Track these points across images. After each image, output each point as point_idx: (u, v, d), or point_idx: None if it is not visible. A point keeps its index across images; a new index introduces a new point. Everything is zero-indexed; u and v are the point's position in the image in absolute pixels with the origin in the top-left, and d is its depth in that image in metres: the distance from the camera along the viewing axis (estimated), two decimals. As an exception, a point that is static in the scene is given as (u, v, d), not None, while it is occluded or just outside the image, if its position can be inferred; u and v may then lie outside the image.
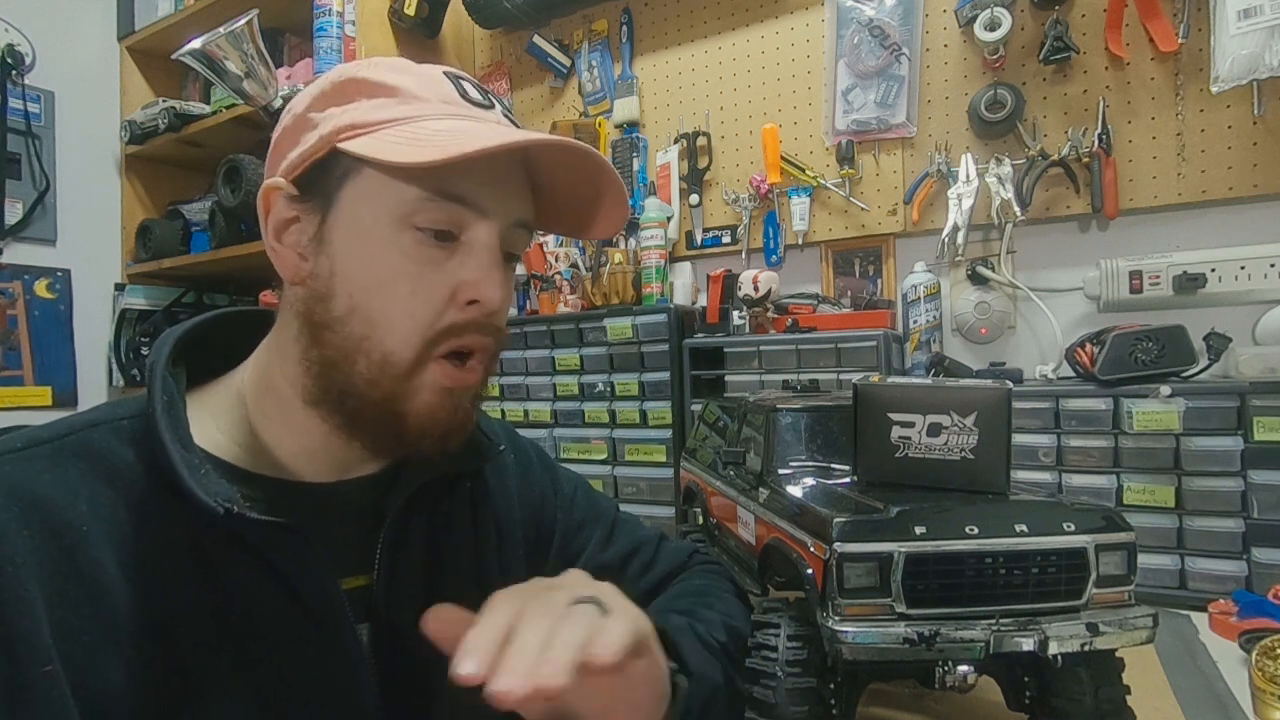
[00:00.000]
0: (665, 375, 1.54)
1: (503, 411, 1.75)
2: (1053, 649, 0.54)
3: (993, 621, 0.55)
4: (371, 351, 0.52)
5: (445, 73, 0.55)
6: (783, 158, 1.67)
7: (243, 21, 1.49)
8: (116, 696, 0.44)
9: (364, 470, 0.60)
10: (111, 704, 0.44)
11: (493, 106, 0.56)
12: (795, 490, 0.69)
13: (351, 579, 0.57)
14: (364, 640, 0.56)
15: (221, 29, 1.48)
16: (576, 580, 0.47)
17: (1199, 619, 0.97)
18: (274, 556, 0.51)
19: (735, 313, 1.54)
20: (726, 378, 1.54)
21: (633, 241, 1.73)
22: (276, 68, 1.70)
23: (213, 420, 0.56)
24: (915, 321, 1.49)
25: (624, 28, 1.91)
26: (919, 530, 0.56)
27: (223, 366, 0.60)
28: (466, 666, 0.37)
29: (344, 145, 0.51)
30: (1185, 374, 1.16)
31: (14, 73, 2.08)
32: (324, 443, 0.55)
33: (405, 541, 0.60)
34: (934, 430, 0.63)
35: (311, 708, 0.52)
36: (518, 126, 0.57)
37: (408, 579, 0.59)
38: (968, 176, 1.43)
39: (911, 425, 0.64)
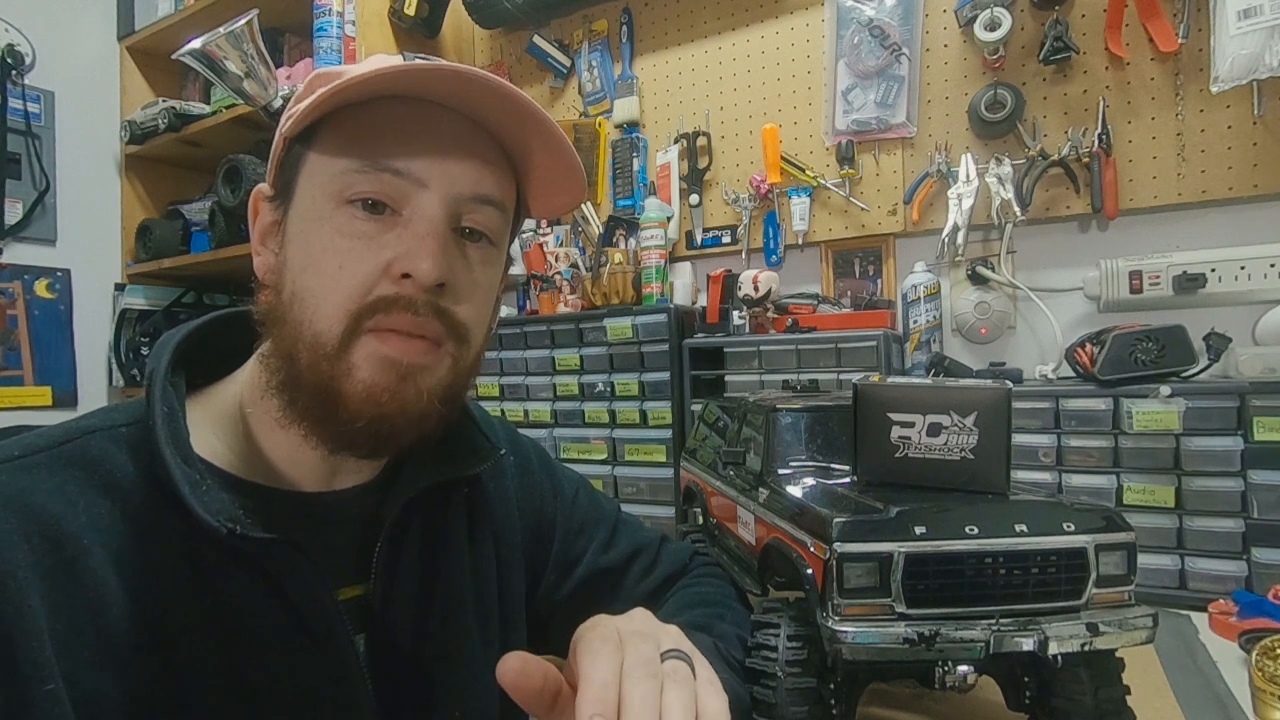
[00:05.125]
0: (665, 375, 1.54)
1: (503, 411, 1.75)
2: (1053, 649, 0.54)
3: (993, 621, 0.55)
4: (305, 335, 0.50)
5: (408, 54, 0.53)
6: (783, 158, 1.67)
7: (243, 21, 1.48)
8: (113, 710, 0.44)
9: (356, 478, 0.59)
10: (108, 717, 0.43)
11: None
12: (795, 490, 0.69)
13: (348, 589, 0.56)
14: (360, 650, 0.55)
15: (221, 29, 1.48)
16: (651, 625, 0.45)
17: (1199, 619, 0.97)
18: (272, 570, 0.50)
19: (735, 313, 1.54)
20: (726, 378, 1.54)
21: (633, 241, 1.73)
22: (276, 68, 1.70)
23: (211, 427, 0.54)
24: (915, 321, 1.49)
25: (624, 28, 1.91)
26: (919, 530, 0.56)
27: (224, 369, 0.58)
28: None
29: (286, 132, 0.52)
30: (1185, 374, 1.16)
31: (14, 73, 2.08)
32: (304, 446, 0.53)
33: (402, 550, 0.59)
34: (934, 430, 0.63)
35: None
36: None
37: (405, 588, 0.58)
38: (968, 176, 1.43)
39: (911, 425, 0.64)
